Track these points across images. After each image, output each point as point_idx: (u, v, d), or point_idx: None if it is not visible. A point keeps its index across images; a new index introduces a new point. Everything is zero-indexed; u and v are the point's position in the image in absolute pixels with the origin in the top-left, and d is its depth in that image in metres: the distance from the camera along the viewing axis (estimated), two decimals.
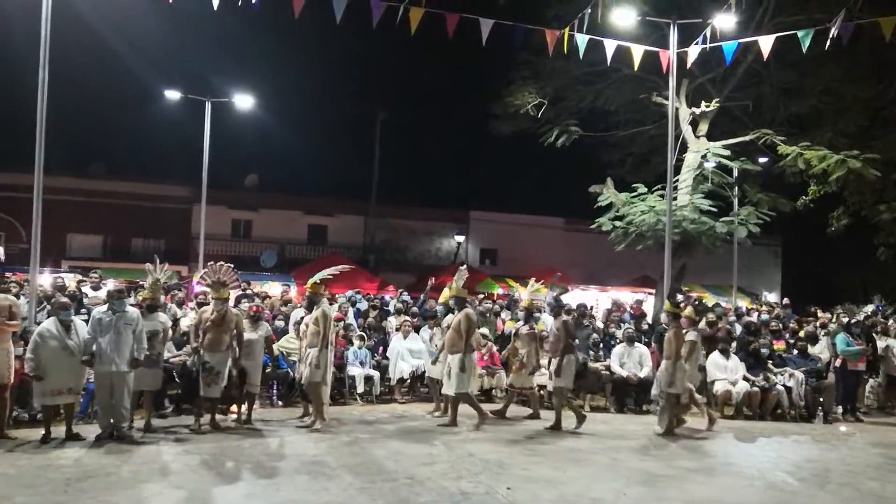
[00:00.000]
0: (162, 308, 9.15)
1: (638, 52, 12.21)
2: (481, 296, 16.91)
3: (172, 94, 21.02)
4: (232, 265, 9.09)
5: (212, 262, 9.05)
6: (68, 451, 7.18)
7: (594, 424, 9.68)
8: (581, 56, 11.93)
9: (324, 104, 45.07)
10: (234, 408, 8.93)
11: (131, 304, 8.20)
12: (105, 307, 7.86)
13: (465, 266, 10.69)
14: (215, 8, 9.15)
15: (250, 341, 8.80)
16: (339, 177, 34.15)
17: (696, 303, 9.71)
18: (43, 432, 7.57)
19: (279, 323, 11.16)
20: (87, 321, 8.09)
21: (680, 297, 9.99)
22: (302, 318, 9.33)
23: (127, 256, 26.17)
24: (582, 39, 11.42)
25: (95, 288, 11.15)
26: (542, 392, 10.50)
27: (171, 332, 9.02)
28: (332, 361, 8.94)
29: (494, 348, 11.34)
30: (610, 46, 11.85)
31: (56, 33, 9.81)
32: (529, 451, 7.99)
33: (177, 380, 9.09)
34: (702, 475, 7.22)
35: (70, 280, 13.84)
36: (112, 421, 7.63)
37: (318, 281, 8.90)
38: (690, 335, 9.37)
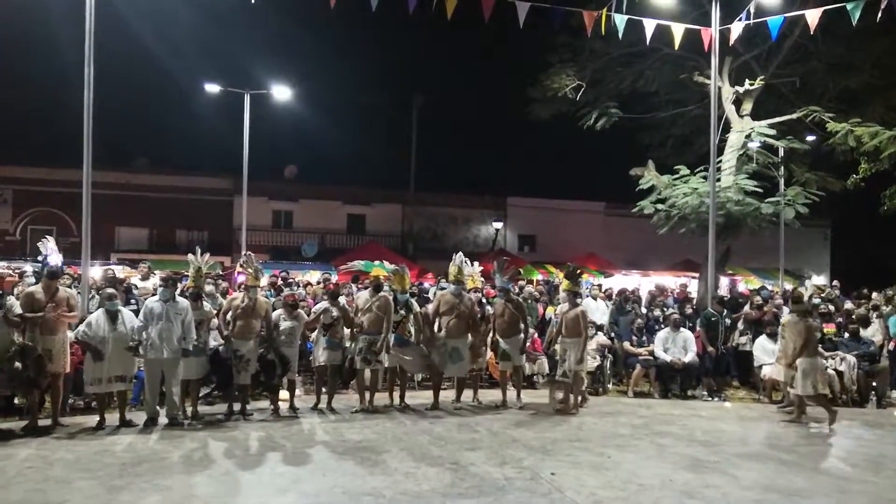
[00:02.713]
0: (209, 297, 9.32)
1: (679, 30, 11.96)
2: (522, 282, 16.84)
3: (212, 88, 21.34)
4: (251, 254, 9.28)
5: (247, 252, 9.21)
6: (122, 437, 7.41)
7: (638, 409, 9.60)
8: (620, 37, 11.75)
9: (361, 94, 45.32)
10: (283, 395, 9.07)
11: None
12: (157, 297, 8.10)
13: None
14: (253, 1, 9.23)
15: (290, 328, 8.92)
16: (377, 166, 34.48)
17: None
18: (98, 419, 7.83)
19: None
20: (136, 311, 8.32)
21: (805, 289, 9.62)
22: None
23: (172, 248, 26.83)
24: (621, 20, 11.23)
25: (144, 278, 11.41)
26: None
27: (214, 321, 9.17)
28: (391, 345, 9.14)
29: (535, 335, 11.28)
30: (649, 26, 11.62)
31: (99, 31, 10.03)
32: (573, 436, 7.95)
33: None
34: (749, 461, 7.09)
35: (120, 271, 14.24)
36: (163, 408, 7.88)
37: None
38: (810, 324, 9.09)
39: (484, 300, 10.84)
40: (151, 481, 5.92)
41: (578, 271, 10.30)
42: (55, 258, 8.80)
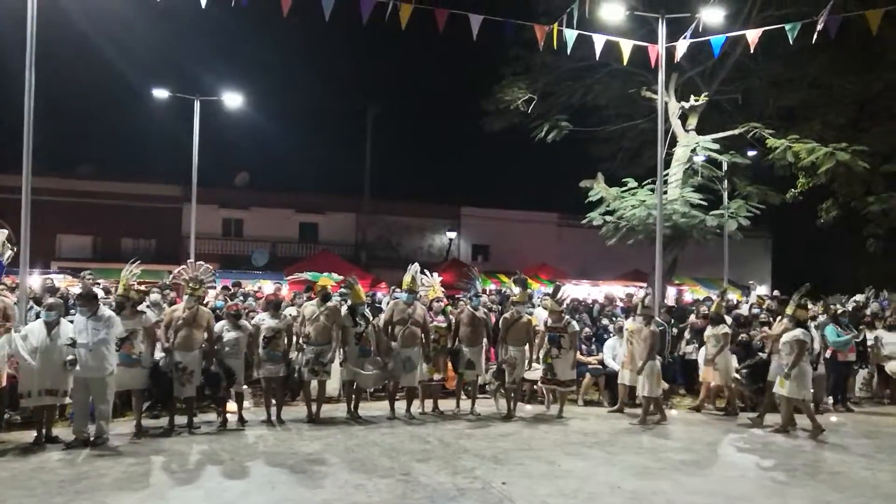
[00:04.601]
0: (154, 307, 9.08)
1: (627, 46, 12.25)
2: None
3: (161, 93, 20.89)
4: (210, 267, 9.08)
5: (190, 261, 9.02)
6: (60, 453, 7.13)
7: (588, 418, 9.75)
8: (569, 51, 11.96)
9: (314, 102, 45.07)
10: (231, 407, 8.89)
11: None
12: (79, 312, 7.66)
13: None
14: (203, 5, 9.09)
15: (235, 339, 8.74)
16: (330, 174, 34.27)
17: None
18: (35, 434, 7.53)
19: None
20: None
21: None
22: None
23: (117, 257, 25.96)
24: (571, 35, 11.43)
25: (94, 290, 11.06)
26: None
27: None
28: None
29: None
30: (599, 41, 11.87)
31: (42, 33, 9.69)
32: (524, 445, 8.02)
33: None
34: (694, 467, 7.28)
35: (61, 281, 13.77)
36: (90, 425, 7.48)
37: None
38: (797, 334, 9.16)
39: (449, 309, 10.68)
40: (92, 498, 5.74)
41: (525, 280, 10.49)
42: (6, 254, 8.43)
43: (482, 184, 37.59)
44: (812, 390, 9.35)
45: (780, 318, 10.14)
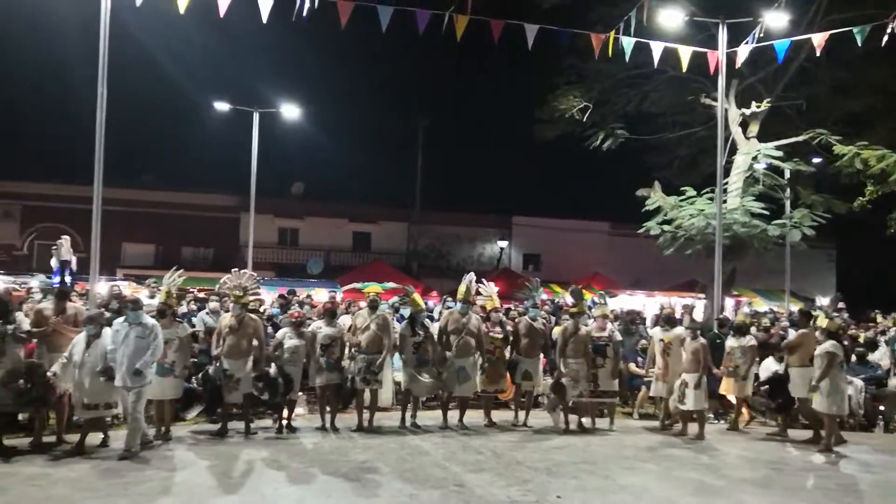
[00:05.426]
0: (212, 314, 9.29)
1: (685, 53, 12.03)
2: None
3: (221, 106, 21.52)
4: (254, 274, 9.24)
5: (235, 269, 9.19)
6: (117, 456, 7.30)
7: (644, 432, 9.54)
8: (627, 59, 11.81)
9: (368, 112, 45.67)
10: (285, 413, 9.03)
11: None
12: (122, 318, 7.59)
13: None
14: (264, 21, 9.33)
15: (294, 347, 8.89)
16: (383, 184, 34.56)
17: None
18: (101, 437, 7.76)
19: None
20: None
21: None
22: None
23: (178, 264, 26.81)
24: (628, 42, 11.31)
25: (151, 296, 11.43)
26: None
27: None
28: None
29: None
30: (657, 49, 11.69)
31: (110, 48, 10.11)
32: (578, 458, 7.90)
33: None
34: (755, 486, 7.03)
35: (125, 287, 14.25)
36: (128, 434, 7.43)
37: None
38: (828, 346, 8.81)
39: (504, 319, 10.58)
40: (154, 501, 5.89)
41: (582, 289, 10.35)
42: (67, 257, 8.73)
43: (533, 193, 37.43)
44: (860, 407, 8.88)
45: (800, 328, 9.74)
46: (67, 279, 9.92)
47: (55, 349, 7.68)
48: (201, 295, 13.03)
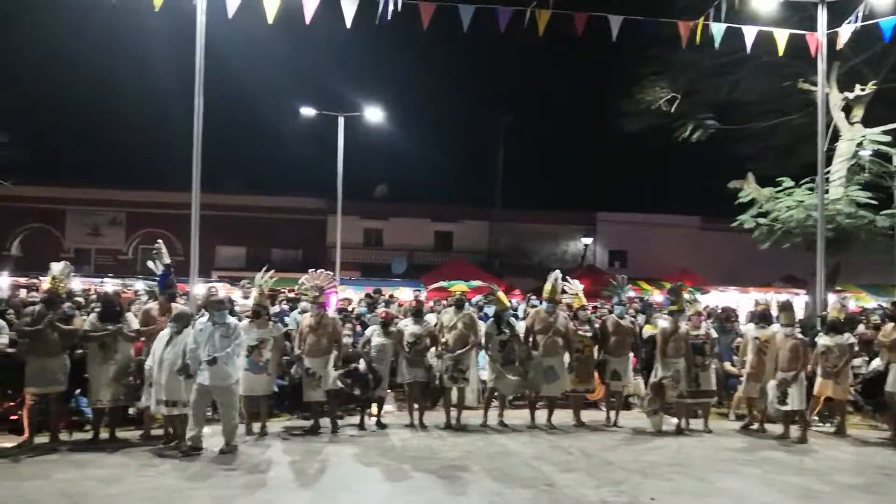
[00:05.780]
0: (303, 313, 9.54)
1: (782, 36, 11.43)
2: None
3: (307, 111, 22.16)
4: (330, 273, 9.42)
5: (313, 270, 9.40)
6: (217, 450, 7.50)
7: (740, 434, 9.14)
8: (717, 46, 11.35)
9: (449, 112, 45.80)
10: (372, 410, 9.21)
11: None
12: (206, 317, 7.66)
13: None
14: (348, 26, 9.51)
15: (381, 345, 9.02)
16: (464, 183, 34.72)
17: None
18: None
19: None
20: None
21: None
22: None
23: (268, 266, 27.81)
24: (718, 29, 10.85)
25: (245, 297, 11.86)
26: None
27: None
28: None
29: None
30: (750, 33, 11.16)
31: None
32: (672, 460, 7.64)
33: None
34: (864, 492, 6.59)
35: (220, 288, 14.89)
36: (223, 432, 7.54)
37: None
38: None
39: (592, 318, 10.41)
40: (252, 495, 6.12)
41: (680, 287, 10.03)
42: (168, 261, 9.20)
43: (618, 188, 36.51)
44: None
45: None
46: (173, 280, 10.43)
47: None
48: (292, 295, 13.45)
